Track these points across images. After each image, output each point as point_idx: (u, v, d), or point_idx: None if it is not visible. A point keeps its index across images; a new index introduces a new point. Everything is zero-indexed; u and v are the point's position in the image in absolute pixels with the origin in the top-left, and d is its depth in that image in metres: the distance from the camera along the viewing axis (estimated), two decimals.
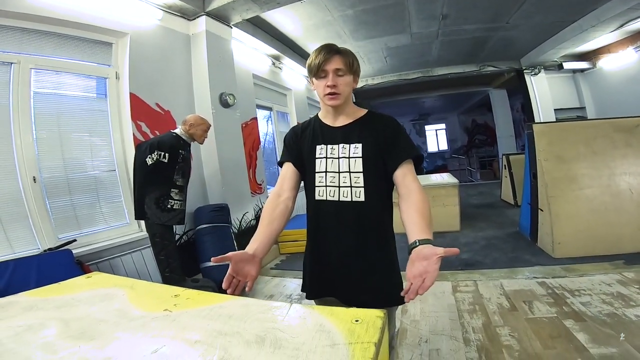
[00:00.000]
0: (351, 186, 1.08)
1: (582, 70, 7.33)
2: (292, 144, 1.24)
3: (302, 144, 1.21)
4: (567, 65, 7.09)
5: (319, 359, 0.52)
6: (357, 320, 0.64)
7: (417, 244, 0.87)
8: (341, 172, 1.10)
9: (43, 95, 2.51)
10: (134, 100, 3.01)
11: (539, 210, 3.38)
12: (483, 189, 8.04)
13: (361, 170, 1.08)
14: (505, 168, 5.90)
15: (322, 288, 1.18)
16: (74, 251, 2.39)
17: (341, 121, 1.17)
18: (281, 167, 1.26)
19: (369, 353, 0.51)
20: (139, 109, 3.06)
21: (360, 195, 1.07)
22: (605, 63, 6.68)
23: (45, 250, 2.34)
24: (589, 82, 7.36)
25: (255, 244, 1.02)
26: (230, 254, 0.91)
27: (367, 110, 1.20)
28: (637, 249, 3.02)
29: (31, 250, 2.34)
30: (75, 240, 2.49)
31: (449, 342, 2.01)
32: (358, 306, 0.90)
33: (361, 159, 1.08)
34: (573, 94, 7.59)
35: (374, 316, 0.64)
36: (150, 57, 3.22)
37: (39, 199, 2.40)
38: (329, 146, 1.14)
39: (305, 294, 1.22)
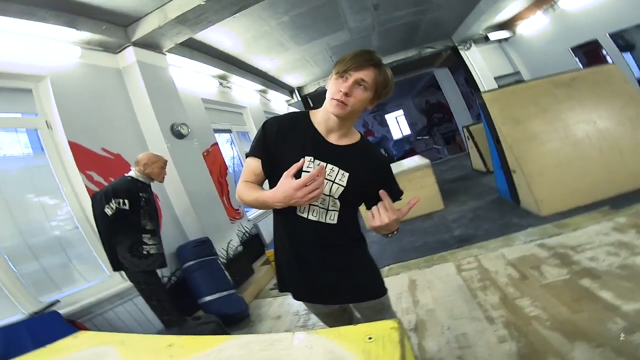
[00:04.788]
0: (327, 209, 1.09)
1: (505, 39, 7.80)
2: (271, 140, 1.09)
3: (284, 147, 1.08)
4: (492, 36, 7.52)
5: None
6: (370, 338, 0.54)
7: None
8: (322, 192, 1.01)
9: None
10: (76, 148, 2.73)
11: (512, 172, 3.47)
12: (453, 163, 8.29)
13: (339, 197, 1.09)
14: (469, 139, 6.09)
15: (306, 294, 1.21)
16: (61, 311, 2.22)
17: (335, 138, 1.10)
18: (247, 156, 1.14)
19: None
20: (84, 157, 2.78)
21: (334, 219, 1.10)
22: (523, 29, 7.13)
23: (31, 315, 2.14)
24: (515, 49, 7.84)
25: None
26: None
27: (360, 135, 1.16)
28: (615, 192, 3.01)
29: (18, 316, 2.14)
30: (58, 302, 2.28)
31: (472, 324, 1.91)
32: (345, 302, 1.23)
33: (343, 188, 1.08)
34: (505, 61, 8.05)
35: (387, 328, 0.54)
36: (80, 98, 2.94)
37: (5, 268, 2.20)
38: (318, 162, 1.06)
39: (281, 291, 1.27)
